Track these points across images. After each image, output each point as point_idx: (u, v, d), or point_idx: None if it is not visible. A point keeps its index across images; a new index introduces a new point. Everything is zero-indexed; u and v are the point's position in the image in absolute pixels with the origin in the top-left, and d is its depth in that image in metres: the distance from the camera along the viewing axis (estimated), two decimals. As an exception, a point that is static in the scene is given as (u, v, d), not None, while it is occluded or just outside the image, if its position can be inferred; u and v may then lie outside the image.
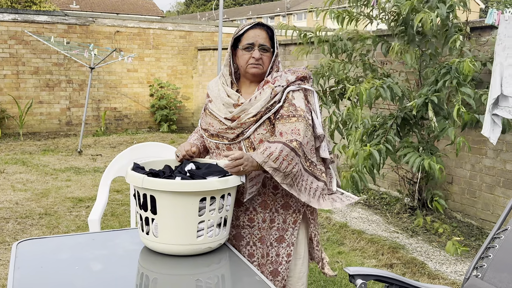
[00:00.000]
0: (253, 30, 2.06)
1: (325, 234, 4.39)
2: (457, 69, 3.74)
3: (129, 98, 10.43)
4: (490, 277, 1.93)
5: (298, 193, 2.00)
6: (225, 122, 2.04)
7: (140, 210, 1.82)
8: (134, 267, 1.75)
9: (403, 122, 4.32)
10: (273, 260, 2.12)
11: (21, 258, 1.76)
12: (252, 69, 2.06)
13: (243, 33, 2.07)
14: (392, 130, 4.21)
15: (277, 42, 2.10)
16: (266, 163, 1.87)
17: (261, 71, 2.07)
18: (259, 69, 2.06)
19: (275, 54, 2.09)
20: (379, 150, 3.91)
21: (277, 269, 2.11)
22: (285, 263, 2.12)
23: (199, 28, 11.00)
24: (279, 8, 49.96)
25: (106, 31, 10.04)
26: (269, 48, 2.07)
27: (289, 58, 7.63)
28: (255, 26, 2.07)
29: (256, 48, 2.04)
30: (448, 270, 3.69)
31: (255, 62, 2.04)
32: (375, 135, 4.24)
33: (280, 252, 2.11)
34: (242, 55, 2.07)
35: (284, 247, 2.11)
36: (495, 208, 4.42)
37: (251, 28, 2.06)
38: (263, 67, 2.07)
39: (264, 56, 2.06)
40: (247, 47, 2.05)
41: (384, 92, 3.98)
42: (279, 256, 2.11)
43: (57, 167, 6.83)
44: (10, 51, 9.28)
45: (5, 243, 4.00)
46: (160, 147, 2.93)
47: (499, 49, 3.39)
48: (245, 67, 2.07)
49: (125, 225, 4.47)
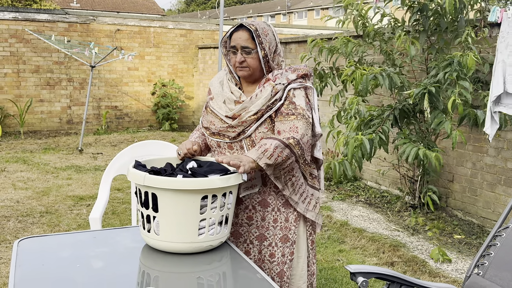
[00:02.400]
0: (236, 33, 2.04)
1: (326, 232, 4.39)
2: (459, 62, 3.74)
3: (130, 96, 10.43)
4: (491, 275, 1.93)
5: (283, 186, 2.02)
6: (226, 120, 2.04)
7: (142, 208, 1.82)
8: (135, 265, 1.75)
9: (402, 114, 4.32)
10: (279, 261, 2.09)
11: (22, 256, 1.76)
12: (239, 72, 2.07)
13: (230, 36, 2.07)
14: (388, 121, 4.21)
15: (266, 40, 2.02)
16: (261, 159, 1.86)
17: (248, 73, 2.05)
18: (245, 71, 2.05)
19: (265, 54, 2.02)
20: (371, 139, 3.91)
21: (282, 269, 2.10)
22: (289, 261, 2.11)
23: (199, 27, 10.99)
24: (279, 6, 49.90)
25: (107, 29, 10.04)
26: (252, 49, 2.01)
27: (289, 56, 7.62)
28: (237, 28, 2.05)
29: (238, 51, 2.03)
30: (449, 268, 3.69)
31: (239, 65, 2.04)
32: (371, 124, 4.25)
33: (285, 252, 2.10)
34: (230, 58, 2.09)
35: (288, 246, 2.10)
36: (496, 206, 4.42)
37: (235, 31, 2.05)
38: (249, 69, 2.04)
39: (248, 58, 2.02)
40: (232, 51, 2.06)
41: (382, 80, 3.96)
42: (284, 256, 2.10)
43: (58, 165, 6.83)
44: (11, 49, 9.28)
45: (6, 241, 4.01)
46: (161, 145, 2.93)
47: (502, 47, 3.38)
48: (235, 69, 2.09)
49: (126, 224, 4.47)
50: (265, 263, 2.10)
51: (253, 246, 2.09)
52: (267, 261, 2.09)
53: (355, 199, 5.53)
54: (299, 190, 2.08)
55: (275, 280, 2.09)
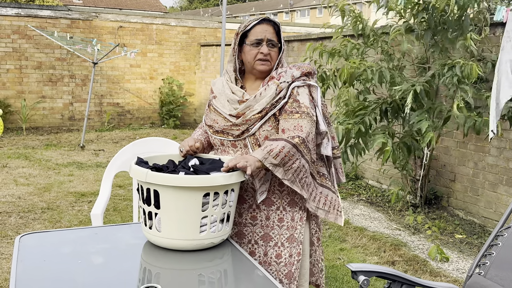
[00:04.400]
0: (261, 26, 2.03)
1: (327, 231, 4.39)
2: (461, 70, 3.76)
3: (132, 93, 10.43)
4: (492, 274, 1.93)
5: (301, 189, 1.99)
6: (230, 118, 2.02)
7: (143, 204, 1.82)
8: (137, 261, 1.75)
9: (394, 110, 4.36)
10: (287, 262, 2.06)
11: (23, 252, 1.76)
12: (260, 66, 2.04)
13: (250, 29, 2.05)
14: (373, 114, 4.25)
15: (283, 37, 2.09)
16: (266, 159, 1.86)
17: (269, 67, 2.05)
18: (267, 65, 2.04)
19: (282, 50, 2.08)
20: (348, 129, 3.97)
21: (291, 270, 2.06)
22: (296, 262, 2.07)
23: (202, 24, 10.99)
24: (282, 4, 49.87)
25: (109, 26, 10.04)
26: (277, 43, 2.05)
27: (292, 55, 7.61)
28: (262, 22, 2.04)
29: (264, 43, 2.02)
30: (450, 268, 3.68)
31: (263, 57, 2.02)
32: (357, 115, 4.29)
33: (293, 252, 2.06)
34: (249, 50, 2.04)
35: (295, 247, 2.07)
36: (497, 206, 4.42)
37: (258, 24, 2.04)
38: (271, 63, 2.05)
39: (272, 52, 2.04)
40: (255, 43, 2.02)
41: (371, 74, 4.03)
42: (292, 257, 2.06)
43: (60, 162, 6.84)
44: (13, 45, 9.28)
45: (8, 237, 4.01)
46: (162, 142, 2.93)
47: (508, 46, 3.36)
48: (253, 63, 2.04)
49: (127, 220, 4.48)
50: (272, 265, 2.06)
51: (258, 246, 2.06)
52: (274, 262, 2.05)
53: (356, 197, 5.53)
54: (308, 190, 2.06)
55: (283, 282, 2.05)
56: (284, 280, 2.06)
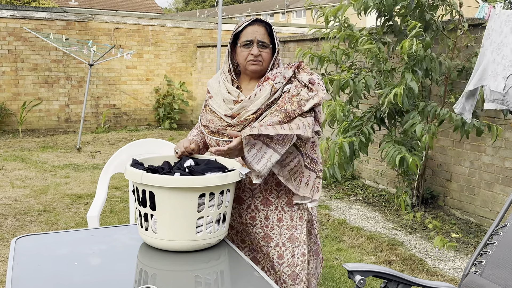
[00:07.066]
0: (252, 27, 2.04)
1: (324, 231, 4.40)
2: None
3: (128, 95, 10.42)
4: (488, 273, 1.94)
5: (297, 188, 1.99)
6: (225, 119, 2.03)
7: (139, 206, 1.82)
8: (133, 263, 1.75)
9: (390, 115, 4.38)
10: (289, 262, 2.04)
11: (20, 254, 1.76)
12: (251, 66, 2.04)
13: (242, 30, 2.05)
14: (370, 123, 4.26)
15: (277, 38, 2.08)
16: (255, 128, 1.81)
17: (260, 67, 2.05)
18: (259, 65, 2.04)
19: (277, 51, 2.07)
20: (351, 143, 3.97)
21: (294, 271, 2.05)
22: (301, 263, 2.06)
23: (198, 25, 10.98)
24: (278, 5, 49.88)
25: (105, 27, 10.02)
26: (268, 44, 2.05)
27: (288, 55, 7.62)
28: (253, 23, 2.05)
29: (254, 44, 2.02)
30: (447, 267, 3.69)
31: (253, 58, 2.02)
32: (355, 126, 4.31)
33: (295, 252, 2.05)
34: (241, 52, 2.05)
35: (297, 247, 2.06)
36: (493, 205, 4.43)
37: (250, 25, 2.05)
38: (262, 64, 2.05)
39: (263, 53, 2.04)
40: (246, 44, 2.03)
41: (354, 85, 4.08)
42: (295, 257, 2.05)
43: (56, 164, 6.82)
44: (9, 47, 9.26)
45: (4, 239, 4.00)
46: (159, 144, 2.92)
47: (487, 44, 3.39)
48: (245, 64, 2.05)
49: (124, 222, 4.47)
50: (275, 266, 2.05)
51: (260, 246, 2.06)
52: (277, 263, 2.04)
53: (353, 197, 5.54)
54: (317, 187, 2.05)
55: (287, 283, 2.03)
56: (288, 281, 2.04)
